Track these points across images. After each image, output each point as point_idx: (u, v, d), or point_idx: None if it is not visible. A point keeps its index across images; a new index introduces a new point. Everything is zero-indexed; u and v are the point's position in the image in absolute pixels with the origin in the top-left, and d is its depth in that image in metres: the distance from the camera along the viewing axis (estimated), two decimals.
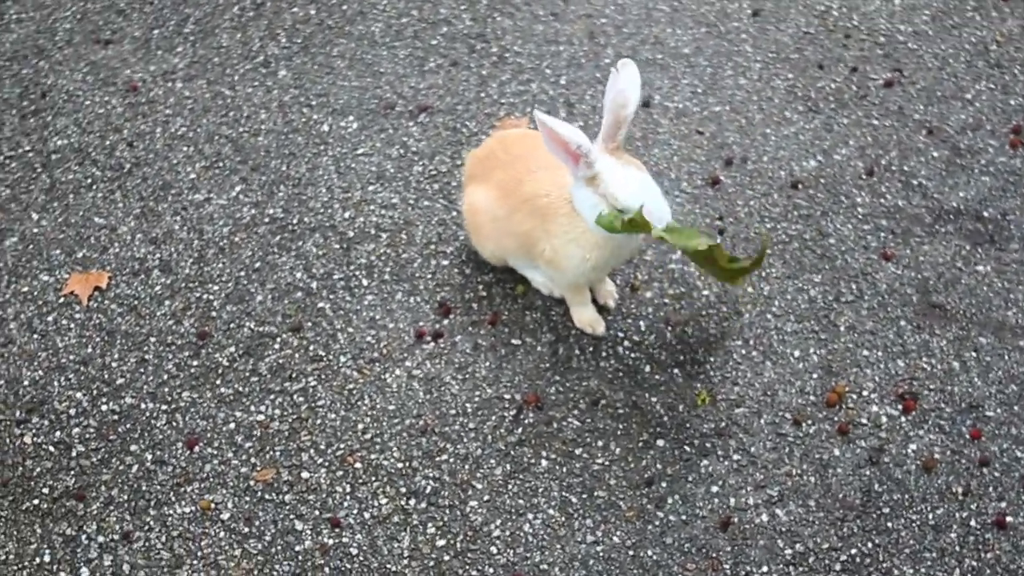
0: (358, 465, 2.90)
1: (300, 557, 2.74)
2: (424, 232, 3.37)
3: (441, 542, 2.76)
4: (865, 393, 2.99)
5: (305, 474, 2.89)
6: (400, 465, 2.89)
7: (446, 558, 2.74)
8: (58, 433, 2.98)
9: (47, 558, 2.76)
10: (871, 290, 3.20)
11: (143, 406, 3.02)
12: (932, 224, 3.35)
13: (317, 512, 2.82)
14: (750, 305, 3.18)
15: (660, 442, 2.91)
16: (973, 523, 2.75)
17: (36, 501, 2.86)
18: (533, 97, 3.74)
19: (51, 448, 2.95)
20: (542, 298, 3.20)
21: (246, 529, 2.80)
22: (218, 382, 3.06)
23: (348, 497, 2.84)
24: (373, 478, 2.87)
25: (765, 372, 3.03)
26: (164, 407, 3.02)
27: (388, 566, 2.72)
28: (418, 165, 3.55)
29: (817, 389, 3.00)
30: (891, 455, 2.87)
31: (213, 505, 2.84)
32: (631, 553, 2.72)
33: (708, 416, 2.95)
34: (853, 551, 2.72)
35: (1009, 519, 2.74)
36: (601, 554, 2.72)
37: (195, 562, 2.74)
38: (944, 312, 3.15)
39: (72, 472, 2.91)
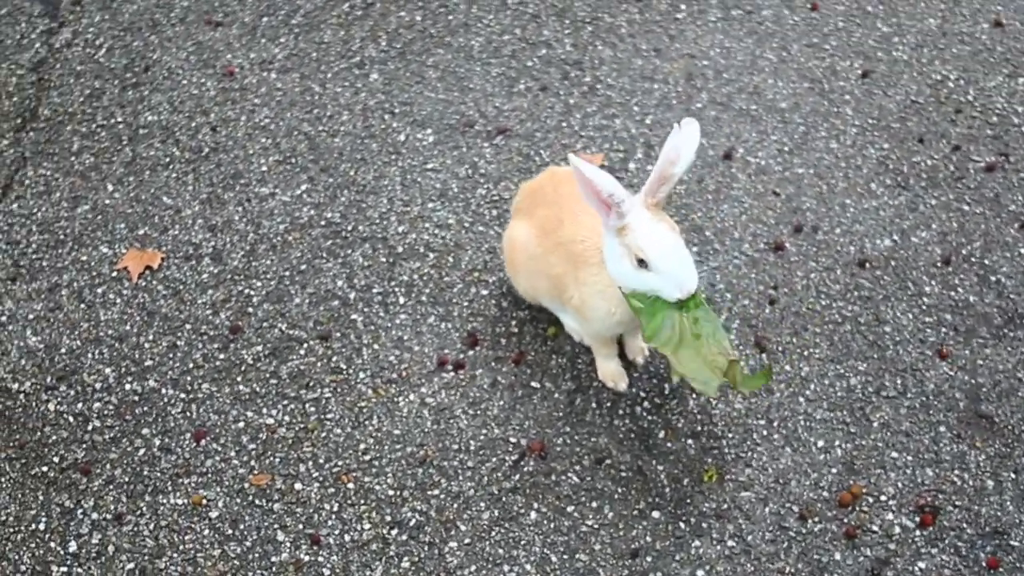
0: (351, 485, 2.90)
1: (274, 568, 2.76)
2: (471, 258, 3.34)
3: None
4: (883, 498, 2.83)
5: (299, 486, 2.90)
6: (391, 492, 2.88)
7: None
8: (80, 405, 3.07)
9: (42, 526, 2.85)
10: (917, 388, 3.02)
11: (163, 391, 3.09)
12: (1001, 327, 3.14)
13: (301, 526, 2.83)
14: (784, 384, 3.04)
15: (656, 514, 2.82)
16: None
17: (45, 468, 2.96)
18: (614, 133, 3.66)
19: (71, 418, 3.05)
20: (572, 343, 3.13)
21: (230, 531, 2.83)
22: (239, 379, 3.10)
23: (334, 516, 2.85)
24: (362, 501, 2.86)
25: (782, 458, 2.90)
26: (183, 395, 3.08)
27: None
28: (482, 188, 3.52)
29: (833, 485, 2.85)
30: (896, 570, 2.72)
31: (205, 501, 2.88)
32: None
33: (712, 495, 2.84)
34: None
35: None
36: None
37: (175, 555, 2.80)
38: (991, 424, 2.95)
39: (84, 445, 2.99)
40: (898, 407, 2.99)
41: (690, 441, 2.95)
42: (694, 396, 3.01)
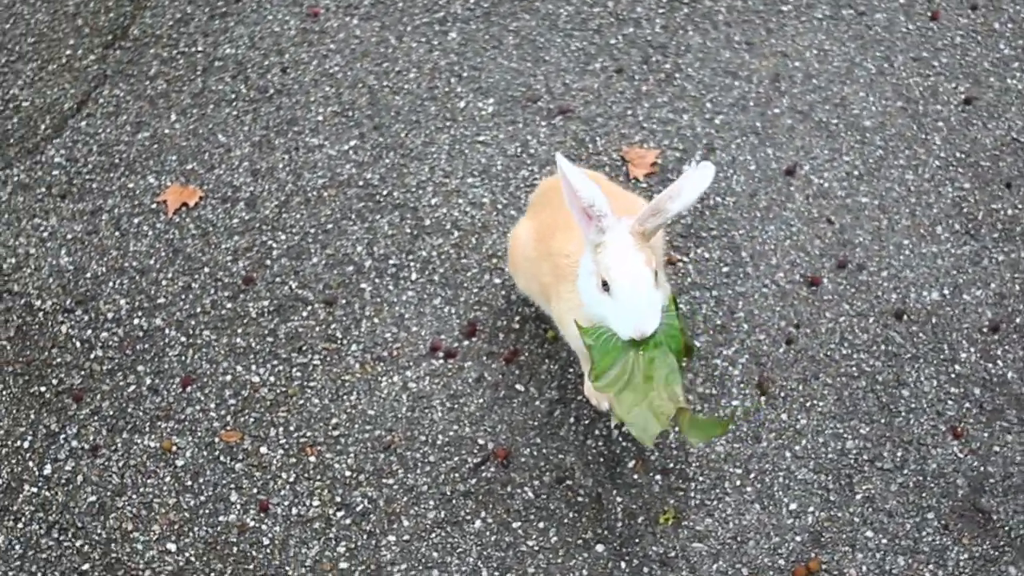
0: (312, 459, 2.92)
1: (218, 528, 2.82)
2: (494, 242, 3.26)
3: (343, 565, 2.75)
4: None
5: (264, 449, 2.94)
6: (348, 473, 2.89)
7: None
8: (89, 332, 3.18)
9: (26, 444, 3.00)
10: (917, 465, 2.80)
11: (166, 331, 3.17)
12: None
13: (255, 490, 2.87)
14: (775, 434, 2.88)
15: (600, 547, 2.73)
16: None
17: (43, 389, 3.10)
18: (677, 130, 3.48)
19: (77, 343, 3.17)
20: (569, 352, 3.04)
21: (189, 482, 2.90)
22: (239, 331, 3.15)
23: (288, 487, 2.88)
24: (318, 477, 2.88)
25: (748, 514, 2.75)
26: (183, 339, 3.15)
27: (286, 568, 2.75)
28: (526, 170, 3.42)
29: (793, 554, 2.69)
30: None
31: (175, 448, 2.96)
32: None
33: (663, 538, 2.73)
34: None
35: None
36: None
37: (134, 496, 2.89)
38: (986, 520, 2.71)
39: (82, 372, 3.11)
40: (889, 482, 2.78)
41: (658, 477, 2.82)
42: (675, 430, 2.87)
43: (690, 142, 3.45)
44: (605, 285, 2.41)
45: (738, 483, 2.80)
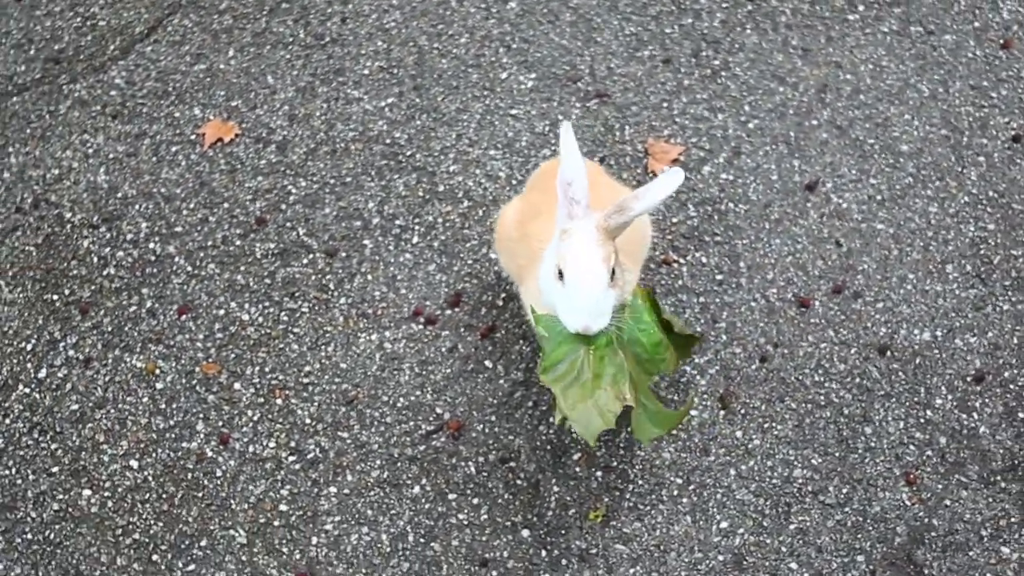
0: (279, 402, 3.03)
1: (179, 453, 2.97)
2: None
3: (283, 507, 2.87)
4: None
5: (237, 385, 3.07)
6: (308, 421, 3.00)
7: (275, 524, 2.85)
8: (107, 249, 3.36)
9: (29, 347, 3.20)
10: (860, 505, 2.75)
11: (176, 260, 3.32)
12: (995, 473, 2.77)
13: (220, 423, 3.01)
14: (724, 450, 2.86)
15: (526, 532, 2.78)
16: None
17: (55, 297, 3.29)
18: (709, 129, 3.43)
19: (95, 259, 3.35)
20: None
21: (163, 406, 3.06)
22: (241, 269, 3.28)
23: (250, 424, 3.00)
24: (280, 420, 3.00)
25: (678, 525, 2.75)
26: (189, 269, 3.30)
27: (230, 502, 2.88)
28: (548, 149, 3.44)
29: (712, 573, 2.68)
30: None
31: (158, 371, 3.12)
32: None
33: (588, 535, 2.76)
34: None
35: None
36: None
37: (112, 411, 3.06)
38: (916, 573, 2.65)
39: (93, 287, 3.29)
40: (827, 517, 2.73)
41: (599, 473, 2.85)
42: (629, 430, 2.88)
43: (717, 143, 3.40)
44: (561, 274, 2.43)
45: (676, 492, 2.79)
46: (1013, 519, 2.70)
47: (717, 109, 3.49)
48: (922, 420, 2.85)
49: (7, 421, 3.06)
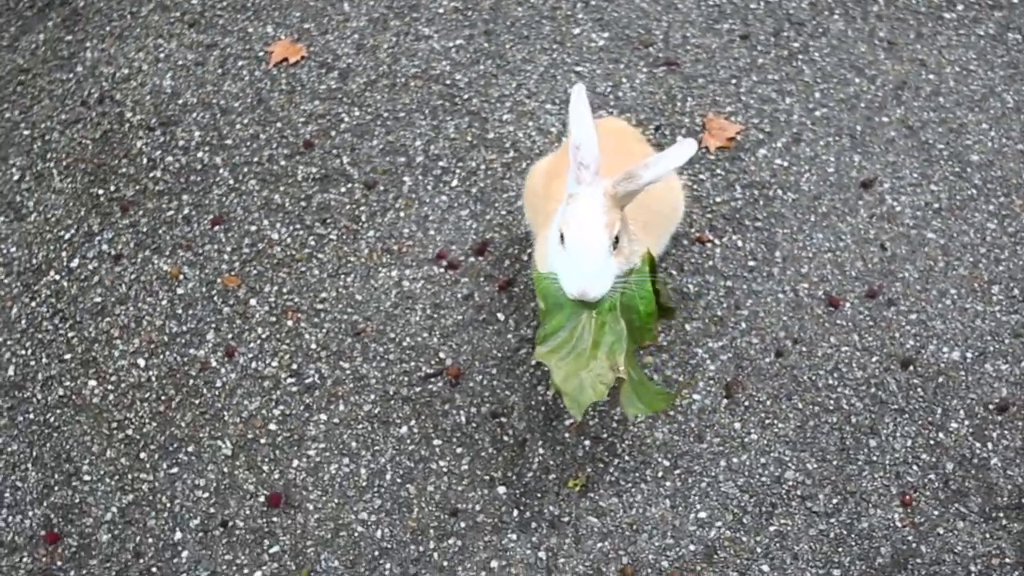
0: (290, 323, 3.05)
1: (184, 359, 3.02)
2: None
3: (272, 427, 2.89)
4: None
5: (253, 301, 3.10)
6: (313, 346, 3.01)
7: (262, 441, 2.87)
8: (158, 152, 3.42)
9: (67, 236, 3.28)
10: (848, 518, 2.64)
11: (220, 171, 3.36)
12: (998, 508, 2.63)
13: (230, 335, 3.04)
14: (719, 440, 2.77)
15: (502, 489, 2.75)
16: None
17: (100, 192, 3.36)
18: (773, 111, 3.31)
19: (144, 160, 3.41)
20: None
21: (180, 311, 3.11)
22: (280, 189, 3.30)
23: (257, 341, 3.03)
24: (287, 341, 3.02)
25: (655, 507, 2.68)
26: (231, 182, 3.33)
27: (224, 413, 2.92)
28: (606, 111, 3.37)
29: (678, 561, 2.62)
30: None
31: (182, 277, 3.16)
32: (374, 550, 2.68)
33: (563, 502, 2.71)
34: None
35: None
36: (355, 535, 2.71)
37: (131, 308, 3.12)
38: None
39: (137, 187, 3.35)
40: (811, 525, 2.63)
41: (587, 443, 2.79)
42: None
43: (779, 127, 3.27)
44: (563, 238, 2.38)
45: (660, 474, 2.72)
46: (1007, 559, 2.56)
47: (786, 92, 3.36)
48: (932, 442, 2.71)
49: (33, 304, 3.14)
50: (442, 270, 3.09)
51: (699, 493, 2.69)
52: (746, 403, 2.80)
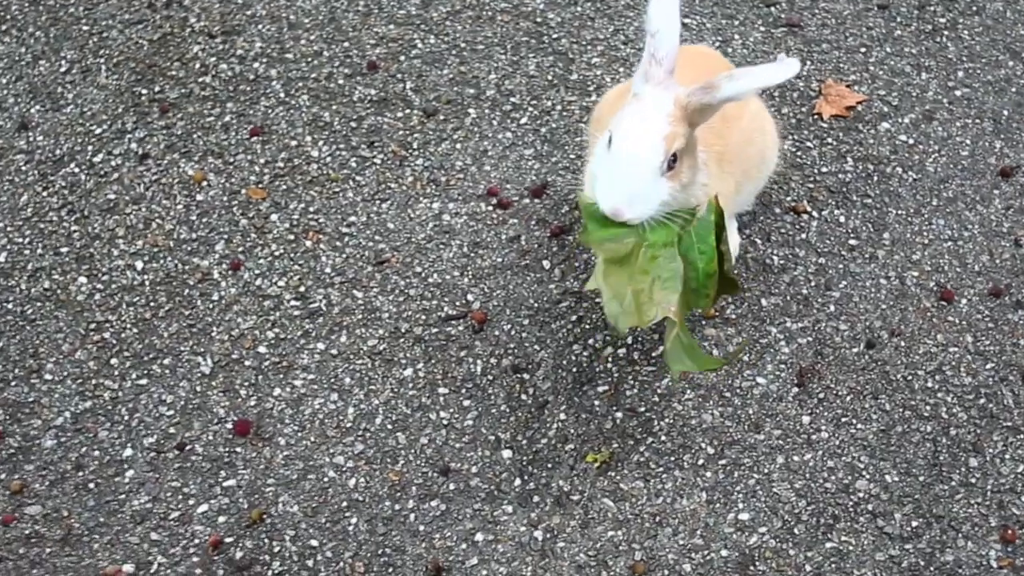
0: (308, 243, 2.68)
1: (186, 267, 2.68)
2: None
3: (262, 348, 2.52)
4: None
5: (274, 217, 2.75)
6: (328, 271, 2.63)
7: (247, 363, 2.50)
8: (213, 59, 3.12)
9: (98, 131, 3.00)
10: (928, 547, 2.11)
11: (272, 84, 3.04)
12: None
13: (240, 248, 2.69)
14: (780, 432, 2.26)
15: (507, 454, 2.29)
16: None
17: (144, 92, 3.07)
18: (905, 85, 2.84)
19: (197, 65, 3.11)
20: None
21: (194, 218, 2.77)
22: (333, 108, 2.95)
23: (268, 258, 2.67)
24: (300, 262, 2.64)
25: (688, 499, 2.19)
26: (281, 95, 3.01)
27: (212, 329, 2.56)
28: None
29: (708, 565, 2.11)
30: None
31: (204, 182, 2.84)
32: (343, 500, 2.25)
33: (576, 479, 2.24)
34: None
35: None
36: (324, 481, 2.29)
37: (143, 208, 2.81)
38: None
39: (183, 91, 3.05)
40: (878, 548, 2.09)
41: (620, 415, 2.31)
42: (685, 383, 2.33)
43: (909, 102, 2.78)
44: (611, 141, 1.96)
45: (701, 462, 2.22)
46: None
47: (923, 67, 2.86)
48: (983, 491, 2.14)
49: (44, 193, 2.85)
50: (490, 208, 2.67)
51: (745, 490, 2.18)
52: (821, 395, 2.28)
